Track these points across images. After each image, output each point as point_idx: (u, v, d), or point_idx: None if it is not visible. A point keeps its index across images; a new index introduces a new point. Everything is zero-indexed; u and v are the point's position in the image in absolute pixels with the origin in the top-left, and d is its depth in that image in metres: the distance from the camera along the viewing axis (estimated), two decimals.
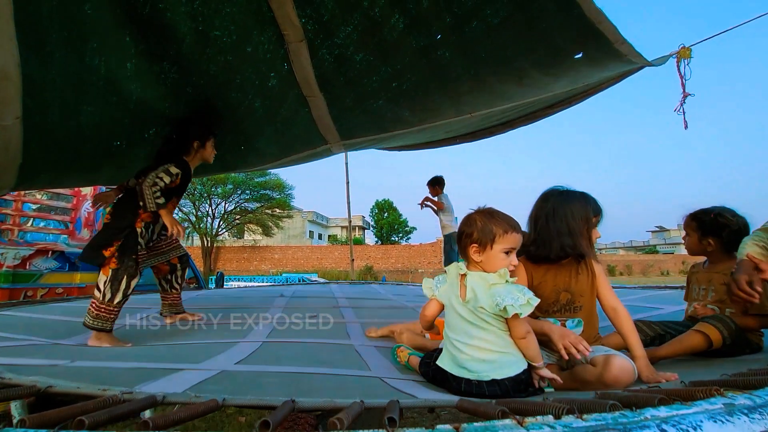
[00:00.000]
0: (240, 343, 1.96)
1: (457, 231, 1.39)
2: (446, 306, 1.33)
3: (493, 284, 1.24)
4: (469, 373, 1.21)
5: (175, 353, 1.80)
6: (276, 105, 2.24)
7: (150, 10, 1.45)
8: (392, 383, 1.31)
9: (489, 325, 1.23)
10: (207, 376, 1.30)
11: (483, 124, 3.11)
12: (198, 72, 1.83)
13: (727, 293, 1.69)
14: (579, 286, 1.50)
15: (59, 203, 5.11)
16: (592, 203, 1.53)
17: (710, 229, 1.80)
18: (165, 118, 2.08)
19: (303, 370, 1.46)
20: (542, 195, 1.56)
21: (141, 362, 1.54)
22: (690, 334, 1.61)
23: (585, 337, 1.46)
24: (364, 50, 2.01)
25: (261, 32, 1.76)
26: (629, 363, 1.27)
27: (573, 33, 2.05)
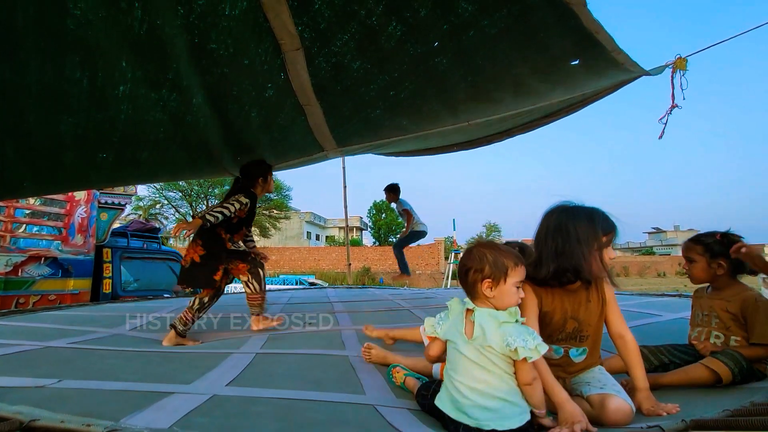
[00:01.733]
0: (234, 355, 1.92)
1: (462, 266, 1.30)
2: (449, 345, 1.26)
3: (504, 322, 1.18)
4: (469, 419, 1.14)
5: (168, 368, 1.76)
6: (273, 115, 2.21)
7: (147, 28, 1.41)
8: (387, 415, 1.27)
9: (495, 366, 1.16)
10: (197, 404, 1.27)
11: (480, 133, 3.09)
12: (197, 90, 1.79)
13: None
14: (588, 314, 1.40)
15: (52, 209, 5.05)
16: (601, 221, 1.38)
17: (720, 251, 1.73)
18: (158, 142, 2.05)
19: (296, 396, 1.42)
20: (547, 211, 1.45)
21: (130, 382, 1.50)
22: (698, 367, 1.57)
23: (588, 363, 1.42)
24: (361, 58, 1.99)
25: (258, 44, 1.73)
26: (627, 405, 1.21)
27: (570, 42, 2.04)
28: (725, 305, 1.71)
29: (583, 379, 1.39)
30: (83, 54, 1.46)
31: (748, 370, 1.54)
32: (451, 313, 1.28)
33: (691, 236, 1.85)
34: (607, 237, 1.37)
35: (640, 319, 2.77)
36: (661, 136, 2.58)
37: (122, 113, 1.72)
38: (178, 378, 1.57)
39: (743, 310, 1.66)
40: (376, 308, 3.54)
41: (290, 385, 1.53)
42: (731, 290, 1.73)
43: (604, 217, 1.40)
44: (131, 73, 1.57)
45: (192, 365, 1.78)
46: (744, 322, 1.66)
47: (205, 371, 1.64)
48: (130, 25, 1.41)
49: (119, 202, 5.84)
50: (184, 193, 25.70)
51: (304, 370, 1.78)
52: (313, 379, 1.64)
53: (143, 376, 1.63)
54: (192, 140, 2.12)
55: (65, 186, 2.83)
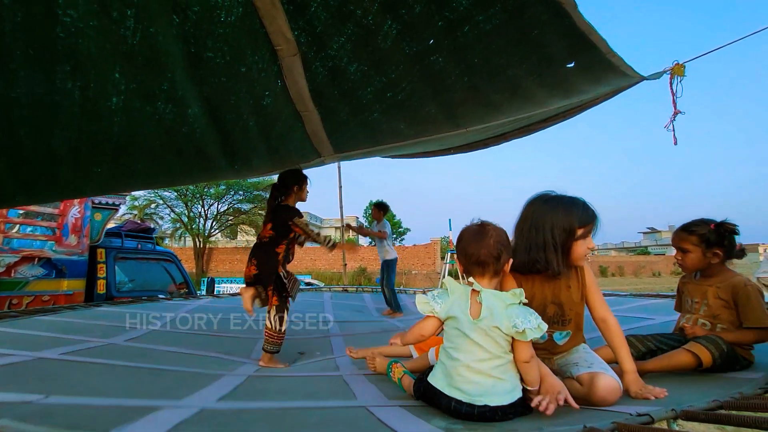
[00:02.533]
0: (225, 377, 1.91)
1: (495, 245, 1.27)
2: (449, 324, 1.26)
3: (510, 304, 1.21)
4: (462, 394, 1.17)
5: (158, 386, 1.74)
6: (270, 123, 2.19)
7: (141, 38, 1.39)
8: (378, 414, 1.27)
9: (496, 346, 1.19)
10: (186, 416, 1.25)
11: (478, 137, 3.09)
12: (193, 101, 1.77)
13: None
14: (569, 298, 1.44)
15: (46, 209, 5.01)
16: (579, 212, 1.38)
17: (715, 241, 1.75)
18: (154, 153, 2.02)
19: (287, 405, 1.42)
20: (528, 201, 1.46)
21: (119, 398, 1.48)
22: (680, 352, 1.61)
23: (572, 344, 1.45)
24: (357, 60, 1.98)
25: (255, 51, 1.71)
26: (615, 382, 1.25)
27: (565, 42, 2.04)
28: (716, 291, 1.73)
29: (571, 360, 1.42)
30: (74, 64, 1.43)
31: (729, 355, 1.58)
32: (451, 292, 1.28)
33: (681, 226, 1.83)
34: (585, 228, 1.37)
35: (634, 323, 2.79)
36: (675, 143, 2.60)
37: (115, 125, 1.69)
38: (168, 395, 1.56)
39: (734, 296, 1.69)
40: (372, 330, 3.52)
41: (282, 398, 1.54)
42: (721, 276, 1.76)
43: (582, 209, 1.39)
44: (125, 85, 1.54)
45: (183, 383, 1.77)
46: (734, 307, 1.69)
47: (196, 389, 1.63)
48: (123, 35, 1.39)
49: (113, 202, 5.80)
50: (180, 193, 25.55)
51: (297, 386, 1.79)
52: (305, 392, 1.64)
53: (131, 392, 1.61)
54: (188, 150, 2.10)
55: (59, 197, 2.80)
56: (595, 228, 1.40)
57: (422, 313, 1.32)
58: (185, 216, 26.82)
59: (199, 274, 24.04)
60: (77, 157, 1.80)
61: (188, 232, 27.54)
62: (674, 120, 2.41)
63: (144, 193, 25.54)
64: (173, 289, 6.44)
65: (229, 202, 27.19)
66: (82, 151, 1.78)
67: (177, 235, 30.17)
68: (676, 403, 1.14)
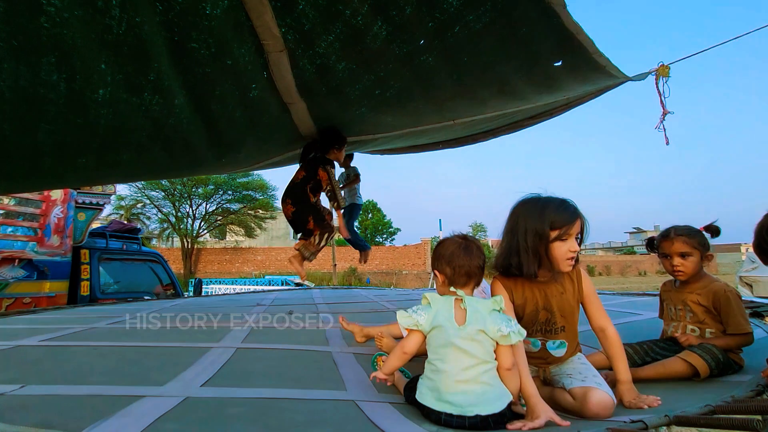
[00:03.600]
0: (213, 350, 1.88)
1: (481, 259, 1.33)
2: (434, 335, 1.25)
3: (493, 310, 1.23)
4: (451, 407, 1.16)
5: (141, 366, 1.71)
6: (257, 114, 2.18)
7: (126, 27, 1.36)
8: (368, 411, 1.26)
9: (483, 351, 1.19)
10: (168, 407, 1.22)
11: (466, 131, 3.11)
12: (178, 91, 1.75)
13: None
14: (561, 305, 1.41)
15: (27, 209, 4.87)
16: (552, 214, 1.33)
17: (707, 244, 1.74)
18: (140, 145, 1.99)
19: (274, 395, 1.39)
20: (513, 204, 1.44)
21: (99, 386, 1.44)
22: (675, 360, 1.60)
23: (568, 354, 1.44)
24: (346, 59, 1.97)
25: (241, 44, 1.69)
26: (609, 397, 1.24)
27: (553, 41, 2.06)
28: (696, 298, 1.73)
29: (564, 371, 1.40)
30: (59, 55, 1.40)
31: (724, 362, 1.58)
32: (434, 304, 1.28)
33: (678, 231, 1.77)
34: (560, 231, 1.32)
35: (621, 318, 2.84)
36: (667, 143, 2.63)
37: (102, 118, 1.66)
38: (151, 379, 1.51)
39: (715, 302, 1.70)
40: (362, 309, 3.54)
41: (269, 383, 1.50)
42: (700, 282, 1.76)
43: (557, 210, 1.34)
44: (111, 76, 1.51)
45: (168, 362, 1.72)
46: (716, 313, 1.70)
47: (180, 370, 1.59)
48: (109, 24, 1.36)
49: (98, 201, 5.67)
50: (167, 193, 25.17)
51: (285, 366, 1.75)
52: (293, 376, 1.61)
53: (114, 377, 1.57)
54: (174, 141, 2.07)
55: (40, 186, 2.74)
56: (575, 229, 1.33)
57: (404, 327, 1.30)
58: (173, 216, 26.42)
59: (187, 275, 23.69)
60: (63, 150, 1.76)
61: (176, 233, 27.14)
62: (664, 120, 2.44)
63: (130, 193, 25.13)
64: (160, 291, 6.33)
65: (218, 202, 26.86)
66: (68, 144, 1.75)
67: (164, 236, 29.72)
68: (670, 409, 1.14)
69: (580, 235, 1.39)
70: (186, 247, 26.44)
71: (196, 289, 7.14)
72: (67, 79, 1.47)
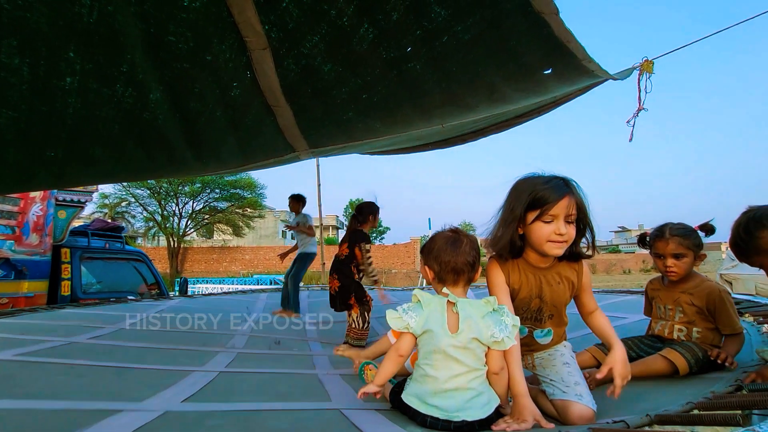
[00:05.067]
0: (195, 373, 1.84)
1: (473, 255, 1.26)
2: (425, 339, 1.21)
3: (486, 313, 1.20)
4: (438, 411, 1.14)
5: (120, 385, 1.66)
6: (240, 115, 2.13)
7: (98, 16, 1.31)
8: (352, 418, 1.23)
9: (475, 359, 1.17)
10: (146, 421, 1.17)
11: (454, 132, 3.11)
12: (155, 86, 1.69)
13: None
14: (554, 295, 1.35)
15: (5, 206, 4.73)
16: (535, 193, 1.24)
17: (701, 243, 1.73)
18: (112, 138, 1.92)
19: (257, 407, 1.36)
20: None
21: (75, 400, 1.39)
22: (656, 358, 1.62)
23: (554, 341, 1.43)
24: (332, 61, 1.94)
25: (221, 40, 1.65)
26: (588, 411, 1.23)
27: (543, 51, 2.06)
28: (689, 298, 1.72)
29: (548, 374, 1.37)
30: (22, 39, 1.33)
31: (704, 360, 1.60)
32: (425, 305, 1.23)
33: (673, 231, 1.74)
34: (540, 210, 1.23)
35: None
36: (630, 139, 2.62)
37: (70, 107, 1.59)
38: (130, 396, 1.47)
39: (708, 303, 1.68)
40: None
41: (252, 399, 1.46)
42: (692, 282, 1.74)
43: (541, 188, 1.24)
44: (80, 65, 1.45)
45: (147, 382, 1.67)
46: (708, 314, 1.69)
47: (160, 389, 1.54)
48: (79, 12, 1.30)
49: (79, 199, 5.54)
50: (153, 191, 24.72)
51: (268, 385, 1.70)
52: (277, 392, 1.58)
53: (91, 393, 1.52)
54: (150, 138, 2.00)
55: (11, 186, 2.64)
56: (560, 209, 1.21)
57: (395, 329, 1.24)
58: (158, 214, 25.97)
59: (173, 274, 23.32)
60: (28, 139, 1.69)
61: (162, 231, 26.69)
62: (637, 116, 2.43)
63: (114, 191, 24.62)
64: (144, 290, 6.21)
65: (205, 201, 26.49)
66: (33, 132, 1.68)
67: (150, 235, 29.19)
68: (652, 408, 1.15)
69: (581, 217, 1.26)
70: (172, 246, 26.02)
71: (182, 288, 7.03)
72: (31, 64, 1.40)
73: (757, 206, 1.45)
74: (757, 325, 2.23)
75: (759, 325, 2.21)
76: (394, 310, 1.27)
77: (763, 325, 2.17)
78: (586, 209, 1.28)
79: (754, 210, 1.43)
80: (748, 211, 1.45)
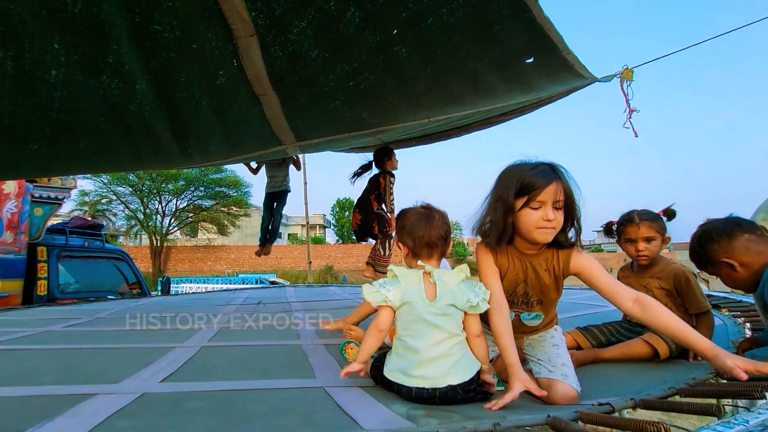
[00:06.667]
0: (175, 349, 1.80)
1: (445, 229, 1.30)
2: (404, 311, 1.22)
3: (460, 280, 1.23)
4: (423, 381, 1.16)
5: (96, 366, 1.61)
6: (226, 104, 2.10)
7: (82, 6, 1.27)
8: (336, 397, 1.23)
9: (454, 324, 1.20)
10: (121, 405, 1.15)
11: (440, 128, 3.13)
12: (140, 75, 1.65)
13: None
14: (537, 281, 1.35)
15: None
16: (522, 179, 1.21)
17: (666, 227, 1.77)
18: (98, 131, 1.87)
19: (238, 387, 1.33)
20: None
21: (48, 386, 1.34)
22: (638, 342, 1.66)
23: (543, 324, 1.44)
24: (319, 47, 1.93)
25: (207, 28, 1.62)
26: (572, 390, 1.25)
27: (525, 37, 2.10)
28: (658, 282, 1.77)
29: (536, 354, 1.40)
30: (5, 31, 1.30)
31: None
32: (402, 277, 1.25)
33: (642, 215, 1.78)
34: (527, 197, 1.21)
35: (587, 309, 2.92)
36: (636, 135, 2.76)
37: (56, 100, 1.55)
38: (106, 377, 1.42)
39: (676, 284, 1.74)
40: (335, 306, 3.50)
41: (233, 377, 1.44)
42: (659, 266, 1.80)
43: (528, 174, 1.22)
44: (65, 57, 1.41)
45: (125, 362, 1.63)
46: (676, 295, 1.75)
47: (139, 368, 1.50)
48: (62, 2, 1.27)
49: (56, 196, 5.36)
50: (135, 188, 24.16)
51: (251, 360, 1.68)
52: (259, 368, 1.55)
53: (65, 377, 1.47)
54: (136, 129, 1.96)
55: None
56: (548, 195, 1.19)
57: (373, 304, 1.25)
58: (141, 213, 25.40)
59: (156, 273, 22.85)
60: (11, 133, 1.64)
61: (144, 230, 26.12)
62: (630, 118, 2.57)
63: (95, 188, 23.93)
64: (125, 290, 6.06)
65: (189, 199, 26.02)
66: (17, 127, 1.63)
67: (132, 233, 28.54)
68: (635, 391, 1.18)
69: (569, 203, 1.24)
70: (155, 245, 25.48)
71: (164, 287, 6.89)
72: (15, 57, 1.37)
73: (711, 220, 1.53)
74: (733, 318, 2.31)
75: (735, 318, 2.30)
76: (370, 285, 1.27)
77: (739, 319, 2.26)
78: (573, 195, 1.26)
79: (707, 224, 1.52)
80: (704, 224, 1.53)
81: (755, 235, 1.41)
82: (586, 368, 1.62)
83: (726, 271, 1.45)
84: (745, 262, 1.39)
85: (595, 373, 1.55)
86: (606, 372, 1.46)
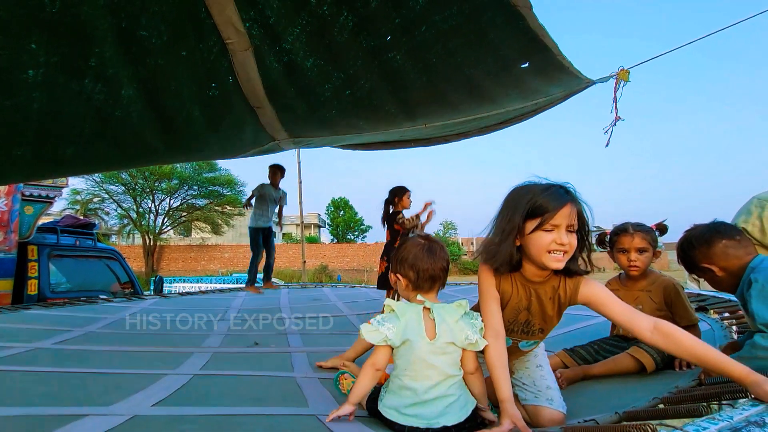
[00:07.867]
0: (167, 376, 1.77)
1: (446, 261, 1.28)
2: (403, 349, 1.18)
3: (459, 317, 1.20)
4: (418, 420, 1.13)
5: (87, 390, 1.57)
6: (219, 115, 2.07)
7: (61, 6, 1.25)
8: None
9: (452, 364, 1.17)
10: (113, 425, 1.12)
11: (437, 132, 3.14)
12: (127, 82, 1.63)
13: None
14: (539, 309, 1.29)
15: None
16: (533, 200, 1.15)
17: (658, 241, 1.81)
18: (84, 138, 1.84)
19: (231, 412, 1.31)
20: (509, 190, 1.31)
21: (37, 407, 1.31)
22: (624, 357, 1.68)
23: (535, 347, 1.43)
24: (314, 55, 1.92)
25: (199, 38, 1.60)
26: (559, 414, 1.25)
27: (520, 44, 2.09)
28: (648, 295, 1.79)
29: (520, 378, 1.39)
30: None
31: (669, 356, 1.67)
32: (401, 314, 1.20)
33: (636, 227, 1.79)
34: (540, 219, 1.15)
35: (577, 322, 2.87)
36: (607, 144, 2.71)
37: (35, 102, 1.51)
38: (97, 400, 1.39)
39: (666, 297, 1.77)
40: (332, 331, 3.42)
41: (226, 403, 1.41)
42: (648, 279, 1.82)
43: (540, 196, 1.16)
44: (44, 57, 1.37)
45: (116, 387, 1.59)
46: (666, 308, 1.76)
47: (130, 393, 1.47)
48: (40, 1, 1.24)
49: (47, 194, 5.30)
50: (128, 187, 23.91)
51: (246, 388, 1.66)
52: (253, 396, 1.52)
53: (55, 399, 1.43)
54: (125, 138, 1.92)
55: None
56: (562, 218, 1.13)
57: (372, 343, 1.20)
58: (134, 211, 25.16)
59: (149, 273, 22.64)
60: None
61: (137, 229, 25.87)
62: (614, 125, 2.55)
63: (87, 187, 23.64)
64: (117, 289, 6.00)
65: (183, 198, 25.81)
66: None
67: (125, 232, 28.26)
68: (623, 405, 1.18)
69: (580, 226, 1.18)
70: (148, 244, 25.26)
71: (157, 287, 6.84)
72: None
73: (696, 226, 1.57)
74: (721, 321, 2.34)
75: (722, 321, 2.32)
76: (368, 324, 1.22)
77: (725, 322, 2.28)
78: (585, 218, 1.20)
79: (690, 231, 1.56)
80: (689, 230, 1.57)
81: (734, 240, 1.45)
82: (574, 386, 1.62)
83: (709, 275, 1.50)
84: (725, 266, 1.44)
85: (583, 390, 1.55)
86: (593, 389, 1.46)
